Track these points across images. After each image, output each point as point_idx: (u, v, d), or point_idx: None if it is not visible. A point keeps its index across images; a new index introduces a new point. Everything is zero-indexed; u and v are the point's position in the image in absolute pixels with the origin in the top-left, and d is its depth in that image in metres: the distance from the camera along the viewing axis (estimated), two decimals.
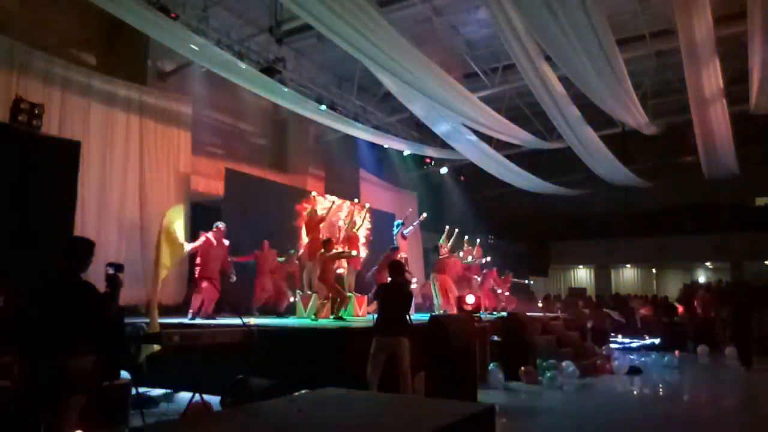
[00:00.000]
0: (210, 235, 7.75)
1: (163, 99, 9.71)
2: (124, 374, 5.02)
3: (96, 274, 4.21)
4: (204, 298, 7.61)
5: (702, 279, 21.25)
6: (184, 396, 5.34)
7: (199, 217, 9.80)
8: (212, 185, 10.69)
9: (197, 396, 5.01)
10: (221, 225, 7.88)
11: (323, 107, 11.12)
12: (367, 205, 11.37)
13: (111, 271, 3.70)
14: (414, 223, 11.76)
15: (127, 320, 6.47)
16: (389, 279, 6.10)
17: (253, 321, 6.95)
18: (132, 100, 9.11)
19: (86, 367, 3.42)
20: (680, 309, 16.09)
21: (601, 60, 8.60)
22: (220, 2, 9.69)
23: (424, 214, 12.28)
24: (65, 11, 8.82)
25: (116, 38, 9.38)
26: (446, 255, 10.48)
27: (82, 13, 8.97)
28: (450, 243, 11.44)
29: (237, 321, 5.95)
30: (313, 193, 10.42)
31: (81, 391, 3.40)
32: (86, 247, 3.67)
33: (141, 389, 5.42)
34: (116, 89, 8.88)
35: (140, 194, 9.06)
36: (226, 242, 8.00)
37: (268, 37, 9.89)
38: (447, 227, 11.65)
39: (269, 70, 9.56)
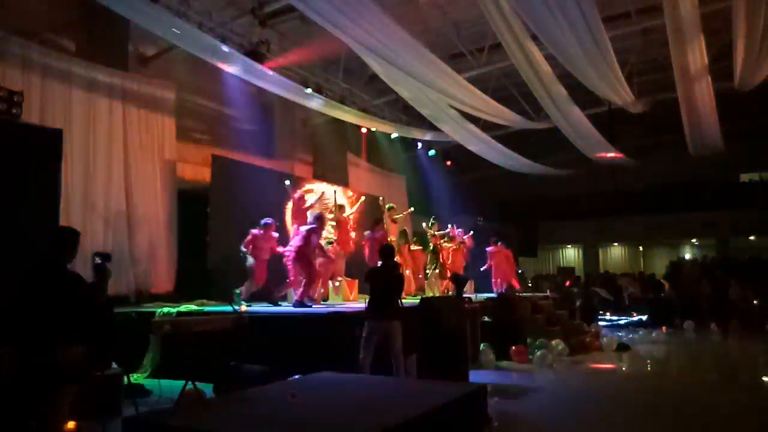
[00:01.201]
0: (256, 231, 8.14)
1: (146, 85, 9.53)
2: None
3: (83, 264, 4.17)
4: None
5: (688, 256, 21.55)
6: (177, 384, 5.32)
7: (186, 204, 9.73)
8: (199, 172, 10.57)
9: (190, 383, 5.00)
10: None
11: (309, 90, 11.00)
12: (363, 198, 11.23)
13: (98, 260, 3.67)
14: (403, 213, 11.83)
15: (115, 310, 6.45)
16: (380, 263, 6.11)
17: (244, 307, 6.94)
18: (114, 86, 8.93)
19: (76, 358, 3.39)
20: (666, 286, 16.35)
21: (587, 38, 8.57)
22: None
23: (411, 209, 12.31)
24: None
25: (95, 23, 9.14)
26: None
27: None
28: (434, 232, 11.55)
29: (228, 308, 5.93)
30: (287, 182, 10.06)
31: (72, 381, 3.38)
32: (72, 237, 3.62)
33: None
34: (97, 75, 8.69)
35: (125, 182, 8.92)
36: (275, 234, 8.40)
37: (251, 19, 9.70)
38: (432, 218, 11.72)
39: (253, 53, 9.41)
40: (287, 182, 9.82)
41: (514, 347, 8.75)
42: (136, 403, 4.77)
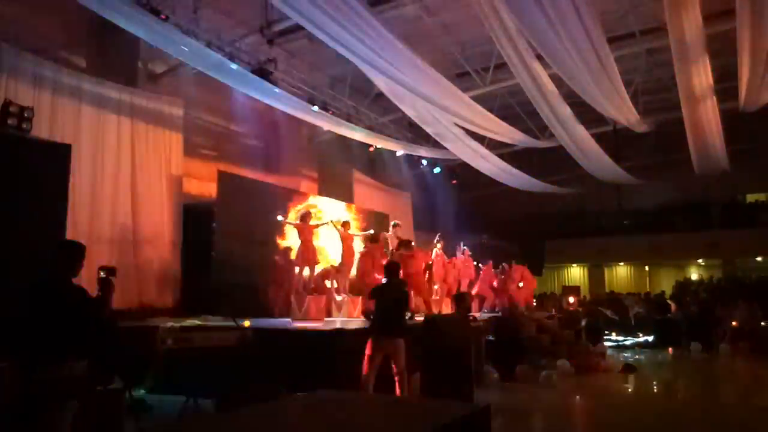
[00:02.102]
0: None
1: (154, 101, 9.64)
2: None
3: (88, 278, 4.17)
4: None
5: (695, 276, 21.38)
6: (179, 400, 5.29)
7: (192, 219, 9.76)
8: (205, 187, 10.64)
9: (192, 399, 4.97)
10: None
11: (315, 108, 11.09)
12: (371, 231, 10.95)
13: (103, 274, 3.68)
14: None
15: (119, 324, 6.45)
16: (385, 280, 6.09)
17: (247, 323, 6.91)
18: (123, 102, 9.04)
19: (79, 373, 3.38)
20: (673, 306, 16.19)
21: (592, 58, 8.63)
22: (210, 3, 9.63)
23: (413, 243, 12.18)
24: (54, 13, 8.74)
25: (106, 40, 9.30)
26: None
27: (71, 14, 8.90)
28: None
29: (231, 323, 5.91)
30: (279, 217, 9.87)
31: (74, 396, 3.36)
32: (77, 251, 3.63)
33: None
34: (107, 91, 8.81)
35: (132, 197, 8.98)
36: None
37: (259, 38, 9.84)
38: (438, 236, 11.66)
39: (260, 71, 9.51)
40: (279, 217, 9.69)
41: (518, 367, 8.66)
42: (138, 419, 4.75)
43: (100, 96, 8.70)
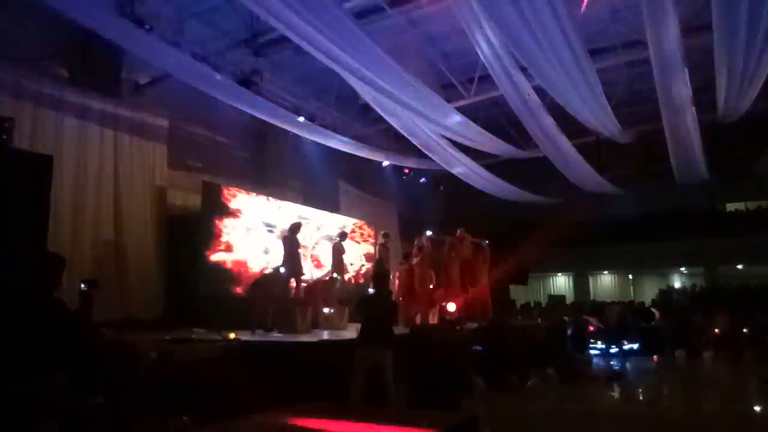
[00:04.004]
0: None
1: (139, 112, 9.57)
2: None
3: (71, 291, 4.12)
4: None
5: (677, 284, 21.65)
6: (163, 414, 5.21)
7: (177, 231, 9.67)
8: (190, 199, 10.54)
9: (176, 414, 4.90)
10: None
11: (301, 119, 11.09)
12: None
13: (84, 287, 3.63)
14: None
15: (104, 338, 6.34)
16: (372, 290, 6.09)
17: (233, 335, 6.85)
18: (106, 113, 8.96)
19: (58, 388, 3.32)
20: (657, 314, 16.36)
21: (574, 70, 8.76)
22: (195, 14, 9.62)
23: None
24: (36, 23, 8.65)
25: (89, 50, 9.20)
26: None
27: (54, 24, 8.82)
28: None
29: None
30: (281, 269, 9.33)
31: (53, 411, 3.30)
32: (57, 263, 3.58)
33: None
34: (90, 102, 8.73)
35: (115, 209, 8.88)
36: None
37: (244, 49, 9.84)
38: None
39: (246, 82, 9.50)
40: (282, 269, 9.32)
41: (505, 376, 8.67)
42: None
43: (83, 107, 8.61)
